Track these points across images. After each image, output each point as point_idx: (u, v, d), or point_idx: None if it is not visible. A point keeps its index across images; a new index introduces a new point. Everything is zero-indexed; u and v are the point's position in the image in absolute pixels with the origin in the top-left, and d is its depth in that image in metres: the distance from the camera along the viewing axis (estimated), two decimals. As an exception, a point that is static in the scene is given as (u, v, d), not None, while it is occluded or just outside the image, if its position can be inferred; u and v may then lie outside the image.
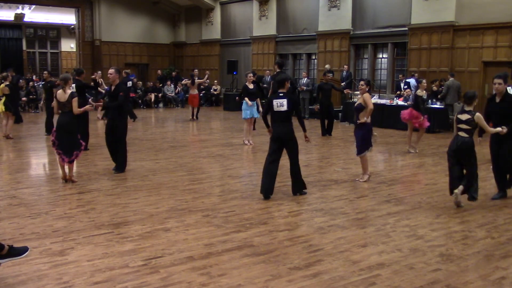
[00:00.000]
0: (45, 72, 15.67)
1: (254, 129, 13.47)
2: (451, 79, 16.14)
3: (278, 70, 12.14)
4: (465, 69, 16.61)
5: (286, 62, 23.81)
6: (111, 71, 9.13)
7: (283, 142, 7.52)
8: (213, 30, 27.38)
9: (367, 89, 8.53)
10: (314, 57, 22.45)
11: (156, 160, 10.50)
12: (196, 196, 7.59)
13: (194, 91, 18.43)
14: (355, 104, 8.57)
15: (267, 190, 7.43)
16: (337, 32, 20.54)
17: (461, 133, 7.00)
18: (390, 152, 12.01)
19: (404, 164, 10.64)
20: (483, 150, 9.04)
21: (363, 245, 5.52)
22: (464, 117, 6.97)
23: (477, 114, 6.96)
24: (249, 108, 12.33)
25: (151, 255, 5.13)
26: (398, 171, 9.78)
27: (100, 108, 14.70)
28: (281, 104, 7.45)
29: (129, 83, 20.27)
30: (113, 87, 9.04)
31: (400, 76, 18.25)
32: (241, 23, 25.86)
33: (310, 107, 19.12)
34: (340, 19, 20.36)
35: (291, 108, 7.49)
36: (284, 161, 7.83)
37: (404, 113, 11.75)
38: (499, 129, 7.08)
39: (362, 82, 8.62)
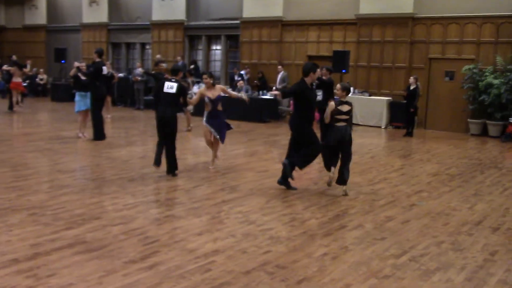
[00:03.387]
0: None
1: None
2: (283, 71, 17.12)
3: (97, 60, 11.59)
4: (292, 62, 17.73)
5: (119, 52, 23.12)
6: None
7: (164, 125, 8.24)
8: (38, 15, 25.48)
9: (211, 81, 8.63)
10: (148, 47, 22.11)
11: (-27, 156, 9.49)
12: (21, 193, 7.02)
13: (18, 79, 17.08)
14: (215, 96, 8.55)
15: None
16: (171, 22, 20.48)
17: (341, 123, 7.48)
18: (225, 141, 12.32)
19: (238, 153, 11.03)
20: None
21: (199, 234, 5.61)
22: (345, 108, 7.46)
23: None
24: (82, 100, 11.67)
25: (-32, 261, 4.64)
26: (232, 160, 10.10)
27: None
28: (170, 87, 8.17)
29: None
30: None
31: (235, 69, 18.79)
32: (69, 8, 24.48)
33: (145, 97, 18.81)
34: (174, 9, 20.32)
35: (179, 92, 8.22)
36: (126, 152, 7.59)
37: None
38: None
39: (205, 76, 8.69)
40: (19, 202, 6.59)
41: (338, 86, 7.60)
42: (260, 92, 16.92)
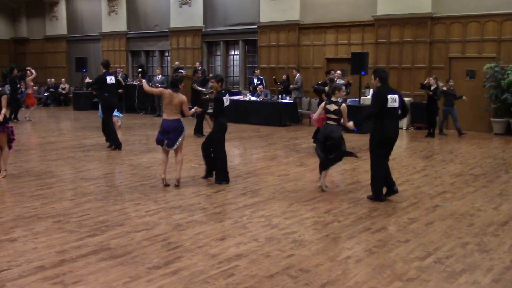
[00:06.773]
0: None
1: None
2: (298, 74, 17.07)
3: (104, 71, 11.71)
4: (311, 65, 17.69)
5: (138, 60, 23.34)
6: None
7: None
8: (59, 26, 25.87)
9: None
10: (167, 54, 22.28)
11: (-2, 166, 9.64)
12: (46, 201, 7.13)
13: (29, 90, 17.69)
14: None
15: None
16: (189, 29, 20.62)
17: (330, 122, 7.64)
18: (245, 146, 12.37)
19: (259, 157, 11.03)
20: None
21: (221, 238, 5.63)
22: (332, 107, 7.61)
23: (343, 105, 7.67)
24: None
25: (-4, 268, 4.72)
26: (253, 164, 10.11)
27: None
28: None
29: None
30: None
31: (255, 71, 18.48)
32: (89, 18, 24.79)
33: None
34: (191, 16, 20.46)
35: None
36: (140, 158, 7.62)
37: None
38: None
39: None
40: (44, 210, 6.69)
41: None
42: (280, 96, 16.88)
